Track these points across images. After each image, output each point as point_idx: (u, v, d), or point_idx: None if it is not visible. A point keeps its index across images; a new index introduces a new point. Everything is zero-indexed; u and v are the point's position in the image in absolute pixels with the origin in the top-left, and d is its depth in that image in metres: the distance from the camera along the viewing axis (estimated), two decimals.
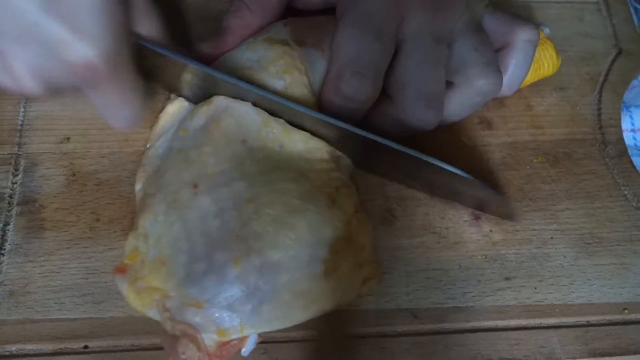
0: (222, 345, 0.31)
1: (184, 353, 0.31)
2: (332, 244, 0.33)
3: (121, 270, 0.33)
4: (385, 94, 0.37)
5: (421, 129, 0.36)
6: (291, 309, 0.32)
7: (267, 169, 0.34)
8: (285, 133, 0.36)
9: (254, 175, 0.34)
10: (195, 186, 0.34)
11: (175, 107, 0.39)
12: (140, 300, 0.32)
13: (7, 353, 0.34)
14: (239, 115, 0.36)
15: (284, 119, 0.36)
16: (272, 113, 0.36)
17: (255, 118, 0.36)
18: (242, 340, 0.32)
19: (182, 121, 0.37)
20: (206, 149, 0.35)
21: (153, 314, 0.32)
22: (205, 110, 0.36)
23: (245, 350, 0.33)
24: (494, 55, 0.37)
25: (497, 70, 0.37)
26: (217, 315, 0.31)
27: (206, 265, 0.31)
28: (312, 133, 0.36)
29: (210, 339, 0.31)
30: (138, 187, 0.37)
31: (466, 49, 0.36)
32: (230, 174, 0.34)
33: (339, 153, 0.37)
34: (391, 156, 0.36)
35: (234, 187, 0.33)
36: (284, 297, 0.31)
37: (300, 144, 0.36)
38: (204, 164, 0.34)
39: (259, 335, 0.33)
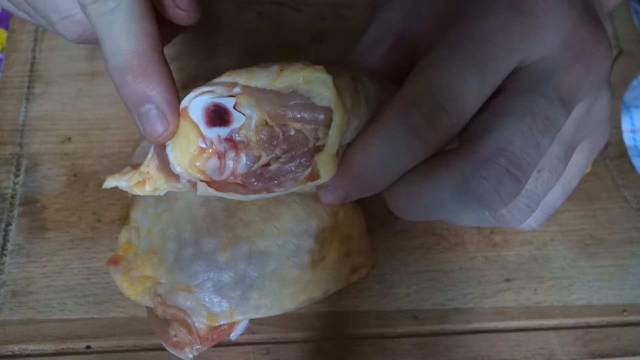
0: (213, 329, 0.32)
1: (175, 336, 0.31)
2: (319, 235, 0.34)
3: (115, 261, 0.33)
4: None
5: (482, 206, 0.25)
6: (279, 296, 0.32)
7: None
8: None
9: None
10: None
11: None
12: (134, 289, 0.33)
13: (9, 353, 0.34)
14: None
15: None
16: None
17: None
18: (232, 325, 0.33)
19: None
20: None
21: (145, 301, 0.32)
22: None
23: (233, 335, 0.33)
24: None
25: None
26: (207, 299, 0.32)
27: (194, 250, 0.32)
28: None
29: (200, 322, 0.32)
30: None
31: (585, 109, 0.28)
32: None
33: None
34: None
35: None
36: (272, 285, 0.32)
37: None
38: None
39: (249, 321, 0.33)
